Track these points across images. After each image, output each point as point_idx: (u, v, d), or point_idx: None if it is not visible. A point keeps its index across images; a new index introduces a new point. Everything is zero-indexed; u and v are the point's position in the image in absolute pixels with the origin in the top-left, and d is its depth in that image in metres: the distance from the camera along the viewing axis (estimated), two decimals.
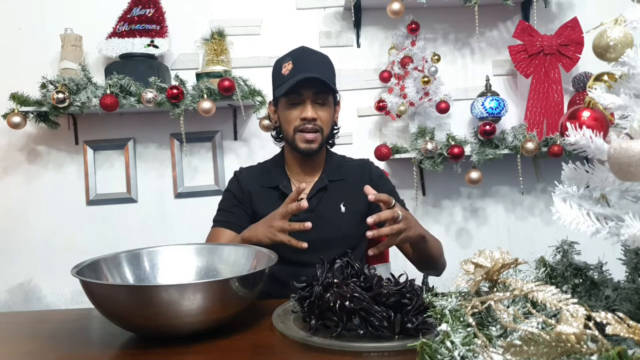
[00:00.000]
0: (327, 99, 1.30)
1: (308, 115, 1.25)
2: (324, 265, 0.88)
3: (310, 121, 1.26)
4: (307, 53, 1.31)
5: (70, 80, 1.83)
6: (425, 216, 2.23)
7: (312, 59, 1.30)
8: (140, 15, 2.02)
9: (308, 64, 1.26)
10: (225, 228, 1.32)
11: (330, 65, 1.33)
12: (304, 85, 1.24)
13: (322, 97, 1.28)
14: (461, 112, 2.18)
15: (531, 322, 0.47)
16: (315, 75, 1.23)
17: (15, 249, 2.09)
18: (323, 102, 1.29)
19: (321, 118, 1.28)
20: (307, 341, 0.79)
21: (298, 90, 1.25)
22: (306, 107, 1.26)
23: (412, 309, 0.79)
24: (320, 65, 1.29)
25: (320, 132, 1.29)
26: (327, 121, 1.30)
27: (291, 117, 1.29)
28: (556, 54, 2.08)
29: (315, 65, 1.28)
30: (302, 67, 1.25)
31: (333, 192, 1.34)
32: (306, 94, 1.26)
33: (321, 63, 1.30)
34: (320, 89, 1.26)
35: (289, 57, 1.30)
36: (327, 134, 1.32)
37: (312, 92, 1.26)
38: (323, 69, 1.28)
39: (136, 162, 2.15)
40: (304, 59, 1.28)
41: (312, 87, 1.25)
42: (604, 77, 0.60)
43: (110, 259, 1.02)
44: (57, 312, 1.54)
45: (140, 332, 0.88)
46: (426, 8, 2.05)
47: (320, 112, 1.28)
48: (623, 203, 0.54)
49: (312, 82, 1.24)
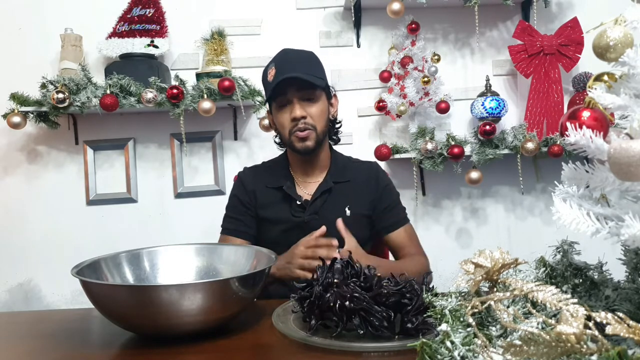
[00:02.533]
0: (314, 95, 1.27)
1: (297, 114, 1.24)
2: (324, 265, 0.88)
3: (300, 120, 1.25)
4: (288, 54, 1.29)
5: (70, 80, 1.84)
6: (425, 216, 2.23)
7: (293, 58, 1.28)
8: (140, 15, 2.02)
9: (289, 65, 1.25)
10: (235, 237, 1.32)
11: (313, 60, 1.31)
12: (287, 86, 1.23)
13: (308, 93, 1.26)
14: (461, 112, 2.18)
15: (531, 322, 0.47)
16: (294, 75, 1.21)
17: (15, 249, 2.09)
18: (311, 98, 1.27)
19: (311, 115, 1.26)
20: (307, 341, 0.79)
21: (283, 91, 1.24)
22: (294, 107, 1.25)
23: (412, 309, 0.79)
24: (302, 63, 1.27)
25: (313, 129, 1.27)
26: (319, 117, 1.28)
27: (283, 120, 1.28)
28: (556, 54, 2.08)
29: (297, 63, 1.26)
30: (284, 69, 1.24)
31: (338, 194, 1.33)
32: (291, 93, 1.25)
33: (303, 60, 1.29)
34: (303, 86, 1.24)
35: (272, 63, 1.29)
36: (322, 129, 1.30)
37: (296, 90, 1.24)
38: (305, 66, 1.27)
39: (136, 162, 2.15)
40: (285, 60, 1.27)
41: (296, 85, 1.24)
42: (604, 77, 0.60)
43: (110, 259, 1.02)
44: (57, 312, 1.54)
45: (140, 332, 0.88)
46: (426, 8, 2.05)
47: (309, 109, 1.26)
48: (623, 203, 0.54)
49: (294, 81, 1.22)
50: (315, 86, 1.25)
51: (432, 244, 1.36)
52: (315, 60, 1.31)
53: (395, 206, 1.38)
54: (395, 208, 1.38)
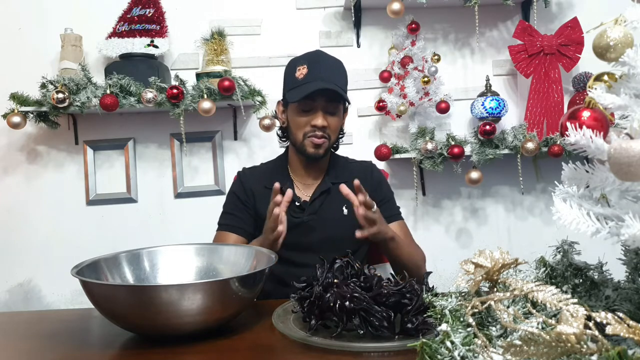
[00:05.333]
0: (338, 108, 1.31)
1: (319, 123, 1.26)
2: (324, 265, 0.88)
3: (320, 129, 1.27)
4: (323, 58, 1.30)
5: (70, 80, 1.83)
6: (425, 216, 2.23)
7: (328, 66, 1.29)
8: (140, 15, 2.02)
9: (323, 72, 1.26)
10: (231, 232, 1.32)
11: (344, 73, 1.33)
12: (319, 94, 1.24)
13: (334, 106, 1.29)
14: (461, 112, 2.18)
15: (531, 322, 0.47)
16: (331, 87, 1.23)
17: (15, 249, 2.09)
18: (334, 112, 1.29)
19: (330, 126, 1.29)
20: (307, 341, 0.79)
21: (312, 97, 1.25)
22: (317, 115, 1.27)
23: (412, 309, 0.79)
24: (335, 74, 1.29)
25: (328, 139, 1.30)
26: (335, 129, 1.32)
27: (301, 122, 1.29)
28: (556, 54, 2.08)
29: (330, 73, 1.27)
30: (317, 74, 1.25)
31: (336, 195, 1.33)
32: (319, 102, 1.26)
33: (335, 71, 1.30)
34: (333, 98, 1.27)
35: (304, 60, 1.29)
36: (335, 140, 1.34)
37: (324, 100, 1.26)
38: (337, 78, 1.28)
39: (136, 162, 2.15)
40: (320, 65, 1.27)
41: (326, 95, 1.25)
42: (604, 77, 0.60)
43: (110, 259, 1.02)
44: (57, 312, 1.54)
45: (140, 332, 0.88)
46: (426, 8, 2.05)
47: (330, 120, 1.28)
48: (623, 203, 0.54)
49: (326, 91, 1.24)
50: (343, 101, 1.29)
51: (432, 244, 1.37)
52: (345, 72, 1.33)
53: (389, 201, 1.40)
54: (389, 203, 1.39)
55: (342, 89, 1.27)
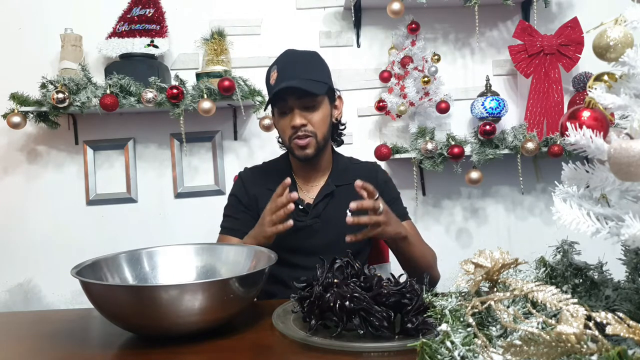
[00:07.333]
0: (315, 102, 1.25)
1: (296, 123, 1.23)
2: (324, 265, 0.88)
3: (300, 128, 1.24)
4: (290, 57, 1.27)
5: (70, 80, 1.83)
6: (425, 216, 2.23)
7: (295, 62, 1.25)
8: (140, 15, 2.02)
9: (290, 70, 1.23)
10: (232, 235, 1.32)
11: (317, 64, 1.29)
12: (287, 93, 1.22)
13: (308, 101, 1.24)
14: (461, 112, 2.18)
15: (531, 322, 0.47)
16: (293, 84, 1.19)
17: (15, 249, 2.09)
18: (312, 106, 1.25)
19: (312, 122, 1.25)
20: (307, 341, 0.79)
21: (283, 98, 1.23)
22: (294, 115, 1.24)
23: (412, 309, 0.79)
24: (306, 68, 1.25)
25: (314, 136, 1.26)
26: (320, 123, 1.26)
27: (284, 126, 1.27)
28: (556, 54, 2.08)
29: (299, 69, 1.24)
30: (284, 75, 1.22)
31: (339, 197, 1.32)
32: (291, 101, 1.23)
33: (306, 65, 1.26)
34: (303, 94, 1.22)
35: (274, 64, 1.26)
36: (324, 135, 1.28)
37: (295, 98, 1.23)
38: (307, 71, 1.24)
39: (136, 162, 2.15)
40: (287, 65, 1.24)
41: (295, 93, 1.22)
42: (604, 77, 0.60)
43: (110, 259, 1.02)
44: (57, 312, 1.54)
45: (140, 332, 0.88)
46: (426, 8, 2.05)
47: (310, 117, 1.25)
48: (623, 203, 0.54)
49: (291, 89, 1.20)
50: (315, 94, 1.23)
51: (432, 244, 1.36)
52: (317, 62, 1.29)
53: (395, 201, 1.38)
54: (395, 203, 1.37)
55: (314, 80, 1.22)
